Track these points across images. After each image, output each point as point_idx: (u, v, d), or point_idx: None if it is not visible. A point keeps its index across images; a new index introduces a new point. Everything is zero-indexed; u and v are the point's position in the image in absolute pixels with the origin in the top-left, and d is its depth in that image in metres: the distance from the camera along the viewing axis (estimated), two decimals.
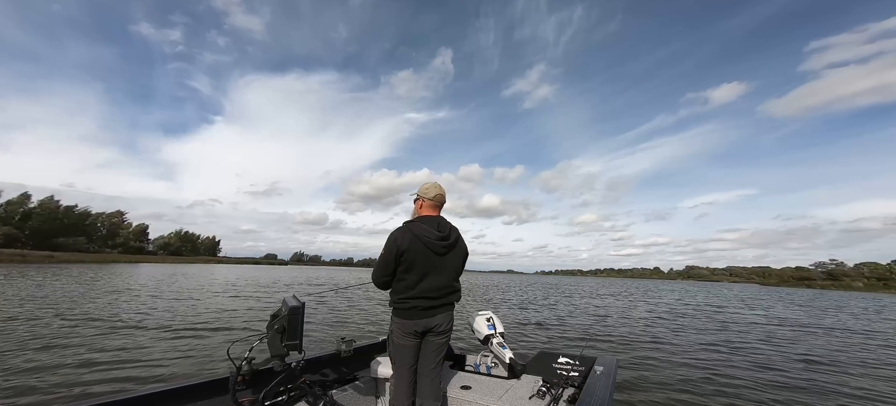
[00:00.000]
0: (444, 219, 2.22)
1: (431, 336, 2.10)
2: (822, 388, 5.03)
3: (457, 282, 2.19)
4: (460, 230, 2.25)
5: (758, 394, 4.62)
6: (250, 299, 12.86)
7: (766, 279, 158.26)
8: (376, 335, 4.72)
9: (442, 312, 2.09)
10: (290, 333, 1.94)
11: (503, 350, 2.95)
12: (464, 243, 2.24)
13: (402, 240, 2.02)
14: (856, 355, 7.43)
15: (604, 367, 2.62)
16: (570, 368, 2.76)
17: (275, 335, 1.94)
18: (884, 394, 4.88)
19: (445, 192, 2.26)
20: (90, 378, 4.15)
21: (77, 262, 52.59)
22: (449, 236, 2.13)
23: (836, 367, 6.26)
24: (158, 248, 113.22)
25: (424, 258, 2.03)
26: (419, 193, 2.24)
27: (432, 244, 2.05)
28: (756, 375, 5.49)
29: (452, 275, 2.14)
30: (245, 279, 24.08)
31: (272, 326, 1.95)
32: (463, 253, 2.21)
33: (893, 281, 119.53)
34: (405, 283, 2.04)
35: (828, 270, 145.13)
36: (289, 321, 1.94)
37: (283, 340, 1.93)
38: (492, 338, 3.08)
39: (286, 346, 1.94)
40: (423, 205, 2.22)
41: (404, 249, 2.00)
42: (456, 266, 2.17)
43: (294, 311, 1.96)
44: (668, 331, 9.64)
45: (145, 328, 6.99)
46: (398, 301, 2.07)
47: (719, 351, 7.21)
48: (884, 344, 9.08)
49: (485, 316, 3.23)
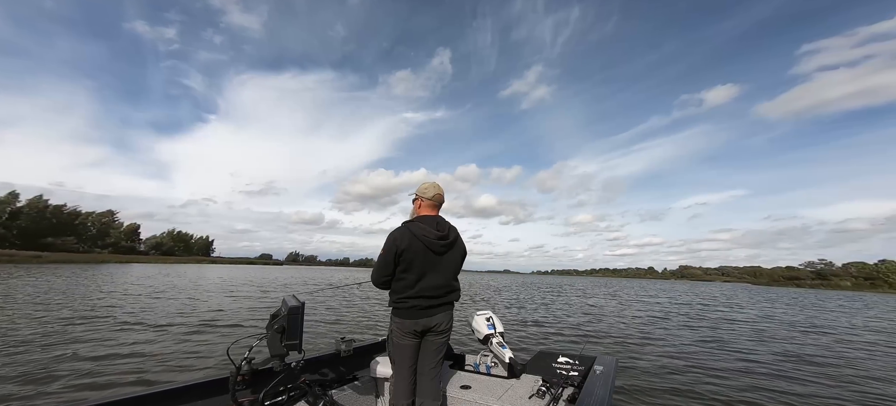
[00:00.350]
0: (442, 218, 2.23)
1: (431, 335, 2.10)
2: (814, 386, 5.12)
3: (456, 281, 2.20)
4: (458, 230, 2.25)
5: (755, 394, 4.65)
6: (243, 299, 12.76)
7: (758, 279, 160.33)
8: (376, 335, 4.71)
9: (441, 312, 2.10)
10: (289, 333, 1.95)
11: (503, 350, 2.95)
12: (462, 243, 2.25)
13: (402, 239, 2.03)
14: (842, 354, 7.58)
15: (603, 367, 2.63)
16: (570, 368, 2.77)
17: (274, 335, 1.94)
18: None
19: (444, 192, 2.27)
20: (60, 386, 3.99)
21: (66, 262, 51.69)
22: (448, 235, 2.13)
23: (832, 367, 6.36)
24: (150, 248, 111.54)
25: (423, 257, 2.04)
26: (418, 193, 2.25)
27: (431, 243, 2.06)
28: (750, 374, 5.57)
29: (451, 274, 2.15)
30: (238, 280, 23.77)
31: (272, 326, 1.95)
32: (462, 252, 2.22)
33: (880, 280, 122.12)
34: (404, 283, 2.04)
35: (817, 270, 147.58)
36: (288, 321, 1.95)
37: (282, 340, 1.94)
38: (491, 337, 3.08)
39: (286, 345, 1.95)
40: (421, 204, 2.23)
41: (403, 249, 2.01)
42: (455, 265, 2.17)
43: (293, 311, 1.96)
44: (664, 330, 9.75)
45: (135, 327, 6.91)
46: (397, 300, 2.07)
47: (712, 350, 7.29)
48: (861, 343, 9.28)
49: (484, 315, 3.23)
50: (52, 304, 9.51)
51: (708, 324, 11.33)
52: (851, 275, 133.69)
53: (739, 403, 4.33)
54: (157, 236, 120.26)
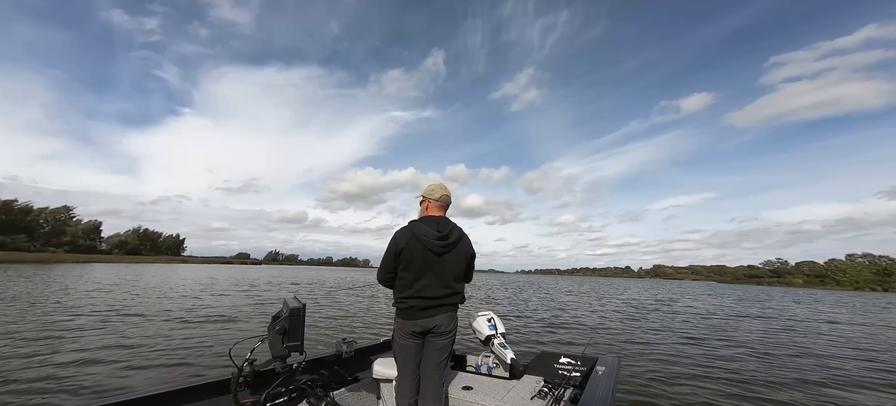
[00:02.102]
0: (446, 219, 2.20)
1: (433, 337, 2.07)
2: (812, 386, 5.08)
3: (458, 284, 2.15)
4: (463, 231, 2.20)
5: (753, 390, 4.70)
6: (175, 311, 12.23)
7: (722, 277, 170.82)
8: (377, 336, 4.64)
9: (442, 313, 2.06)
10: (291, 334, 1.97)
11: (504, 350, 2.93)
12: (468, 244, 2.19)
13: (402, 239, 2.03)
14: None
15: (605, 368, 2.61)
16: (572, 369, 2.76)
17: (276, 336, 1.94)
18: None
19: (451, 193, 2.26)
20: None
21: (15, 261, 47.63)
22: (448, 236, 2.10)
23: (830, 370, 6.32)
24: (113, 247, 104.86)
25: (422, 257, 2.02)
26: (425, 194, 2.24)
27: (430, 243, 2.03)
28: (747, 372, 5.56)
29: (452, 276, 2.10)
30: (195, 282, 21.31)
31: (273, 328, 1.96)
32: (466, 254, 2.17)
33: (828, 278, 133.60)
34: (403, 282, 2.04)
35: (774, 269, 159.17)
36: (290, 322, 1.96)
37: (284, 342, 1.96)
38: (493, 338, 3.05)
39: (287, 347, 1.96)
40: (428, 206, 2.22)
41: (402, 248, 2.01)
42: (457, 267, 2.13)
43: (295, 313, 1.97)
44: (644, 327, 10.17)
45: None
46: (398, 300, 2.07)
47: (705, 349, 7.36)
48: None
49: (486, 316, 3.20)
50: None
51: (685, 321, 11.94)
52: (804, 273, 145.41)
53: (740, 403, 4.30)
54: (121, 234, 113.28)
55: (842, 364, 6.52)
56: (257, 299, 12.80)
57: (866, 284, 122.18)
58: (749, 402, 4.35)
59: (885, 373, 6.01)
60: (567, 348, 4.55)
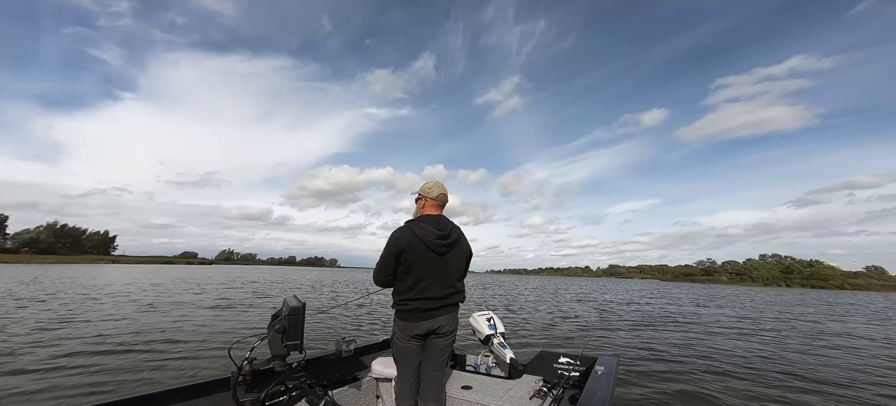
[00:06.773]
0: (445, 218, 2.18)
1: (434, 338, 2.05)
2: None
3: (459, 283, 2.15)
4: (461, 230, 2.21)
5: (752, 387, 4.76)
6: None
7: (664, 275, 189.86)
8: (377, 335, 4.49)
9: (444, 314, 2.05)
10: (290, 333, 1.93)
11: (504, 350, 2.94)
12: (466, 243, 2.20)
13: (402, 239, 1.99)
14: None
15: (605, 368, 2.61)
16: (571, 368, 2.78)
17: (276, 335, 1.89)
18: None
19: (448, 192, 2.24)
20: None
21: None
22: (449, 235, 2.09)
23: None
24: (21, 245, 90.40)
25: (424, 258, 1.99)
26: (422, 192, 2.21)
27: (432, 243, 2.01)
28: (731, 369, 5.67)
29: (453, 275, 2.10)
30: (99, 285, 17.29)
31: (273, 326, 1.91)
32: (465, 253, 2.18)
33: (746, 276, 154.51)
34: (405, 284, 2.00)
35: (705, 268, 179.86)
36: (289, 321, 1.93)
37: (284, 340, 1.91)
38: (492, 338, 3.05)
39: (287, 346, 1.91)
40: (425, 204, 2.19)
41: (403, 249, 1.97)
42: (458, 267, 2.13)
43: (295, 312, 1.94)
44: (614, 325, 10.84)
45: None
46: (399, 302, 2.03)
47: (696, 348, 7.28)
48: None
49: (485, 316, 3.21)
50: None
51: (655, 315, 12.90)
52: (727, 272, 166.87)
53: (738, 402, 4.28)
54: (32, 230, 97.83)
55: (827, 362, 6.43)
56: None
57: (774, 281, 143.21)
58: (750, 401, 4.33)
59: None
60: (567, 349, 4.53)
